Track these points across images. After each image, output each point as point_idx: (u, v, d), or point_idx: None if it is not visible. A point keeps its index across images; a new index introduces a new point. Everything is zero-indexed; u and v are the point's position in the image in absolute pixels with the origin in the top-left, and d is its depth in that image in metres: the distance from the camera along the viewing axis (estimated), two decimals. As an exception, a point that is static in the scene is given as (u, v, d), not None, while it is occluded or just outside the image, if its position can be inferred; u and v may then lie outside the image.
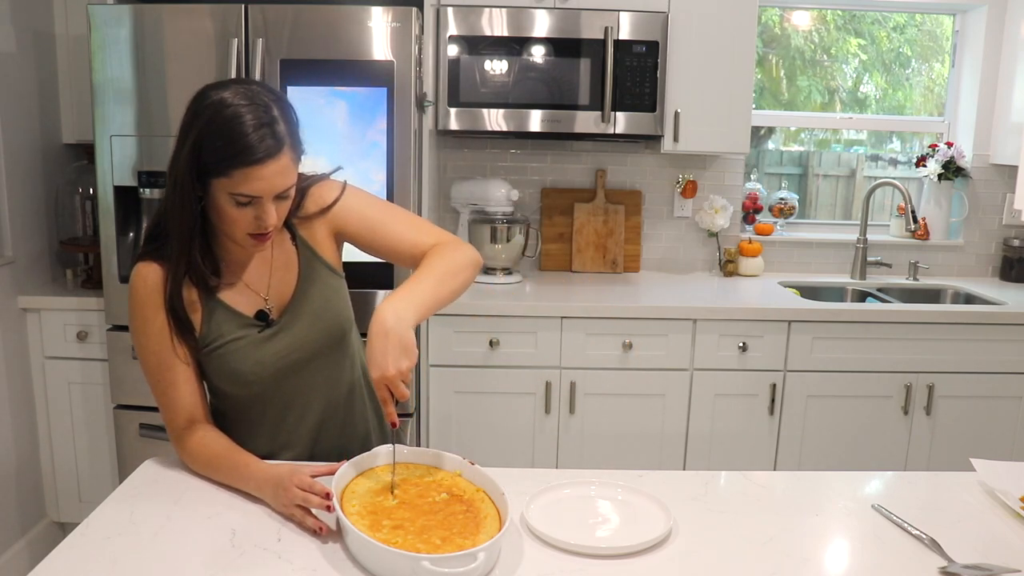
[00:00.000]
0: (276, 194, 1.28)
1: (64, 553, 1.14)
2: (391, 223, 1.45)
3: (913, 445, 2.78)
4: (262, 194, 1.26)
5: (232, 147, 1.22)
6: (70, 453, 2.76)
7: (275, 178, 1.26)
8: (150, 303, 1.35)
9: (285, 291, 1.43)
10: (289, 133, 1.27)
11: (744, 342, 2.68)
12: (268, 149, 1.23)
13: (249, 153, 1.22)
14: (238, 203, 1.26)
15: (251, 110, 1.24)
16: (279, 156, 1.25)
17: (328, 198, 1.44)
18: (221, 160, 1.23)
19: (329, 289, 1.46)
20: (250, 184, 1.24)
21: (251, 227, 1.30)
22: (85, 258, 2.84)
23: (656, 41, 2.77)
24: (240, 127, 1.22)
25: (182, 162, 1.26)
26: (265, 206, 1.28)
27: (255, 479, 1.29)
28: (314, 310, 1.43)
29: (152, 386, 1.39)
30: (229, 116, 1.23)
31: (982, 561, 1.16)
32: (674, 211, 3.31)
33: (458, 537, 1.13)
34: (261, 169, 1.24)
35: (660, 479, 1.42)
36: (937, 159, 3.29)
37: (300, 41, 2.38)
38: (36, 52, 2.73)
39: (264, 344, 1.40)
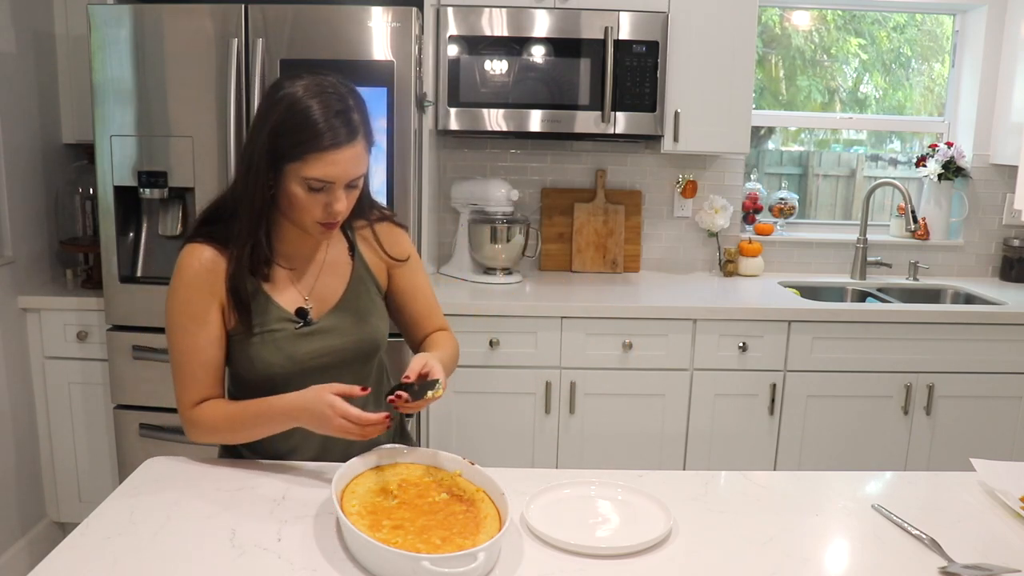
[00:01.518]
0: (348, 181, 1.32)
1: (64, 553, 1.14)
2: (422, 298, 1.57)
3: (913, 445, 2.78)
4: (335, 180, 1.30)
5: (308, 132, 1.27)
6: (70, 453, 2.76)
7: (348, 164, 1.30)
8: (196, 282, 1.38)
9: (329, 296, 1.46)
10: (363, 123, 1.32)
11: (744, 342, 2.68)
12: (343, 136, 1.28)
13: (324, 138, 1.27)
14: (311, 188, 1.30)
15: (327, 98, 1.29)
16: (353, 143, 1.30)
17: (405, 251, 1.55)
18: (297, 144, 1.28)
19: (373, 305, 1.50)
20: (324, 169, 1.28)
21: (321, 214, 1.33)
22: (85, 258, 2.84)
23: (656, 41, 2.77)
24: (316, 113, 1.27)
25: (258, 147, 1.31)
26: (336, 192, 1.32)
27: (287, 414, 1.32)
28: (354, 321, 1.46)
29: (174, 362, 1.41)
30: (306, 103, 1.28)
31: (982, 561, 1.16)
32: (674, 211, 3.31)
33: (458, 537, 1.13)
34: (336, 154, 1.28)
35: (660, 479, 1.42)
36: (937, 159, 3.29)
37: (300, 41, 2.37)
38: (36, 52, 2.73)
39: (298, 341, 1.42)
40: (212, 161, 2.43)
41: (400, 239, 1.55)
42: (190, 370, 1.40)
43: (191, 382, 1.40)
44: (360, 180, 1.35)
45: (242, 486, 1.35)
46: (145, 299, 2.50)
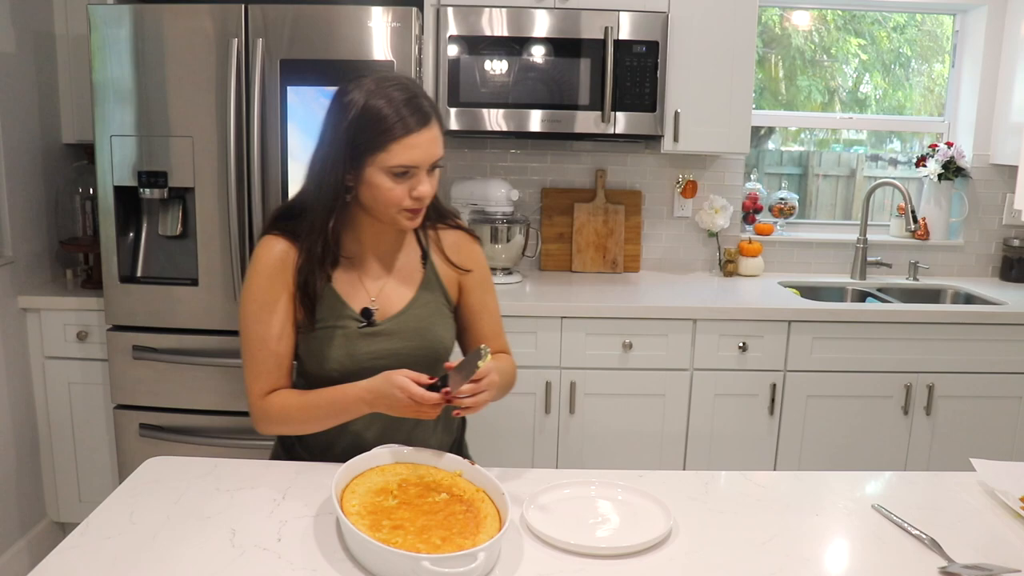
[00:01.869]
0: (430, 164, 1.37)
1: (64, 553, 1.14)
2: (489, 319, 1.58)
3: (913, 445, 2.78)
4: (419, 163, 1.35)
5: (387, 121, 1.32)
6: (70, 453, 2.76)
7: (429, 146, 1.35)
8: (269, 272, 1.42)
9: (397, 300, 1.48)
10: (432, 108, 1.38)
11: (744, 342, 2.68)
12: (420, 119, 1.34)
13: (402, 126, 1.32)
14: (395, 176, 1.35)
15: (398, 88, 1.35)
16: (431, 125, 1.36)
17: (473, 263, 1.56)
18: (378, 135, 1.33)
19: (439, 314, 1.51)
20: (408, 153, 1.33)
21: (407, 202, 1.37)
22: (85, 258, 2.84)
23: (656, 41, 2.77)
24: (392, 103, 1.33)
25: (333, 148, 1.36)
26: (420, 176, 1.36)
27: (361, 399, 1.36)
28: (418, 327, 1.48)
29: (245, 352, 1.44)
30: (378, 98, 1.34)
31: (982, 561, 1.16)
32: (674, 211, 3.31)
33: (458, 537, 1.13)
34: (416, 137, 1.33)
35: (660, 479, 1.42)
36: (937, 159, 3.29)
37: (300, 41, 2.38)
38: (36, 52, 2.73)
39: (360, 340, 1.44)
40: (212, 161, 2.43)
41: (472, 252, 1.56)
42: (261, 358, 1.43)
43: (262, 371, 1.43)
44: (439, 163, 1.39)
45: (242, 486, 1.35)
46: (145, 299, 2.51)
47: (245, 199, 2.42)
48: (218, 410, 2.54)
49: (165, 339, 2.51)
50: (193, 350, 2.50)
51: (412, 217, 1.41)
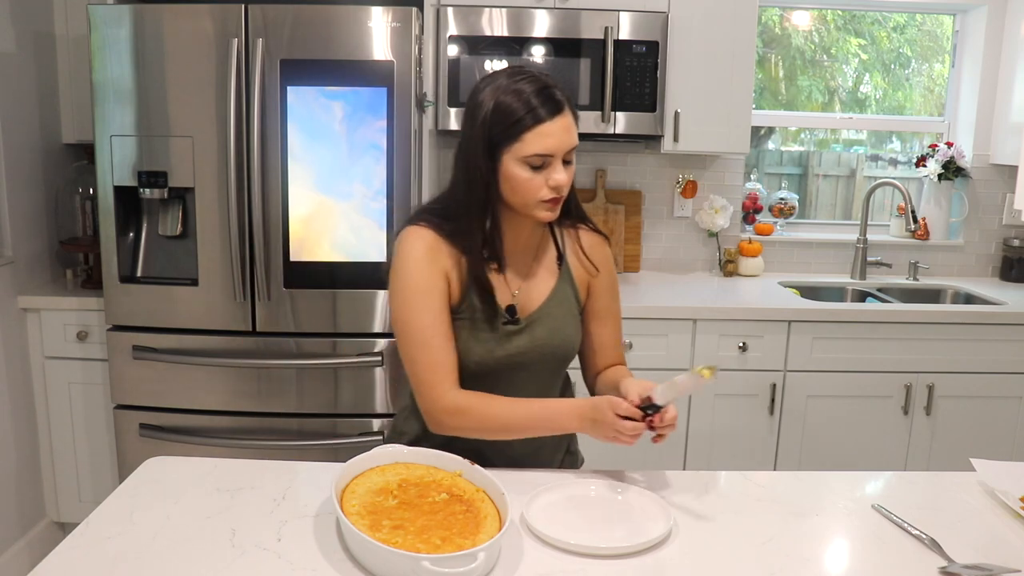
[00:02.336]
0: (564, 152, 1.36)
1: (64, 553, 1.14)
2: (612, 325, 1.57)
3: (913, 445, 2.78)
4: (553, 151, 1.35)
5: (518, 113, 1.33)
6: (70, 453, 2.76)
7: (563, 135, 1.35)
8: (425, 259, 1.40)
9: (535, 298, 1.49)
10: (566, 98, 1.37)
11: (744, 342, 2.68)
12: (552, 107, 1.34)
13: (537, 113, 1.33)
14: (532, 167, 1.35)
15: (530, 80, 1.35)
16: (563, 114, 1.35)
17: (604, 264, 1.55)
18: (511, 127, 1.33)
19: (570, 314, 1.52)
20: (541, 141, 1.33)
21: (545, 191, 1.37)
22: (85, 258, 2.84)
23: (656, 41, 2.77)
24: (524, 94, 1.34)
25: (473, 144, 1.37)
26: (556, 165, 1.36)
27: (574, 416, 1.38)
28: (553, 327, 1.48)
29: (415, 347, 1.39)
30: (510, 90, 1.34)
31: (982, 561, 1.16)
32: (674, 211, 3.31)
33: (458, 537, 1.12)
34: (550, 125, 1.33)
35: (660, 479, 1.42)
36: (937, 159, 3.29)
37: (300, 41, 2.37)
38: (36, 52, 2.73)
39: (502, 337, 1.45)
40: (212, 161, 2.43)
41: (605, 255, 1.56)
42: (437, 345, 1.38)
43: (441, 360, 1.38)
44: (573, 154, 1.38)
45: (242, 486, 1.35)
46: (145, 299, 2.51)
47: (245, 199, 2.42)
48: (218, 410, 2.54)
49: (165, 339, 2.51)
50: (193, 350, 2.50)
51: (551, 208, 1.40)
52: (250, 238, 2.44)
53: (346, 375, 2.51)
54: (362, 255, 2.45)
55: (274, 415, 2.54)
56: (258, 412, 2.54)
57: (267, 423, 2.54)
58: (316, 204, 2.43)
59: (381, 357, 2.49)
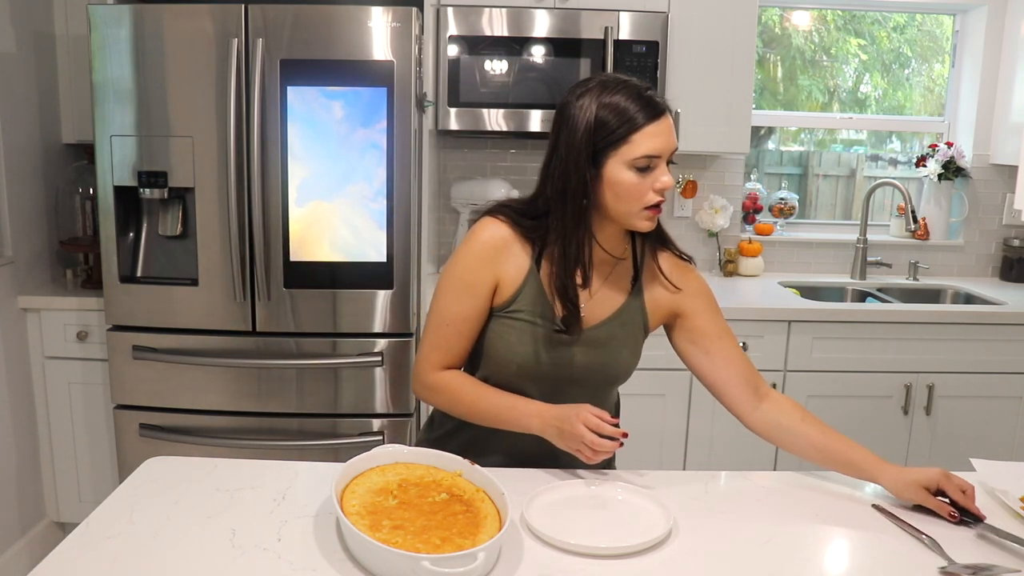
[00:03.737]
0: (670, 152, 1.36)
1: (64, 553, 1.14)
2: (729, 340, 1.49)
3: (913, 445, 2.78)
4: (661, 151, 1.34)
5: (625, 115, 1.33)
6: (70, 453, 2.76)
7: (669, 134, 1.35)
8: (485, 254, 1.41)
9: (599, 312, 1.46)
10: (662, 98, 1.37)
11: (744, 342, 2.68)
12: (657, 108, 1.34)
13: (644, 114, 1.33)
14: (638, 170, 1.34)
15: (630, 87, 1.36)
16: (666, 115, 1.36)
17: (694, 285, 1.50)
18: (619, 128, 1.33)
19: (631, 338, 1.48)
20: (651, 141, 1.33)
21: (650, 196, 1.35)
22: (85, 258, 2.84)
23: (656, 41, 2.77)
24: (629, 97, 1.34)
25: (574, 151, 1.34)
26: (661, 166, 1.35)
27: (538, 416, 1.37)
28: (607, 345, 1.45)
29: (432, 322, 1.45)
30: (613, 95, 1.34)
31: (982, 561, 1.16)
32: (674, 211, 3.31)
33: (458, 537, 1.12)
34: (658, 125, 1.33)
35: (660, 479, 1.42)
36: (937, 159, 3.29)
37: (300, 41, 2.37)
38: (36, 52, 2.73)
39: (549, 343, 1.43)
40: (212, 161, 2.43)
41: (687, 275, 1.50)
42: (446, 334, 1.43)
43: (441, 345, 1.44)
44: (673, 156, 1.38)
45: (242, 486, 1.35)
46: (145, 299, 2.51)
47: (245, 199, 2.42)
48: (218, 410, 2.54)
49: (165, 339, 2.51)
50: (193, 350, 2.50)
51: (652, 217, 1.38)
52: (250, 238, 2.44)
53: (346, 375, 2.51)
54: (362, 255, 2.45)
55: (274, 415, 2.54)
56: (258, 412, 2.54)
57: (267, 423, 2.54)
58: (316, 204, 2.43)
59: (381, 357, 2.49)
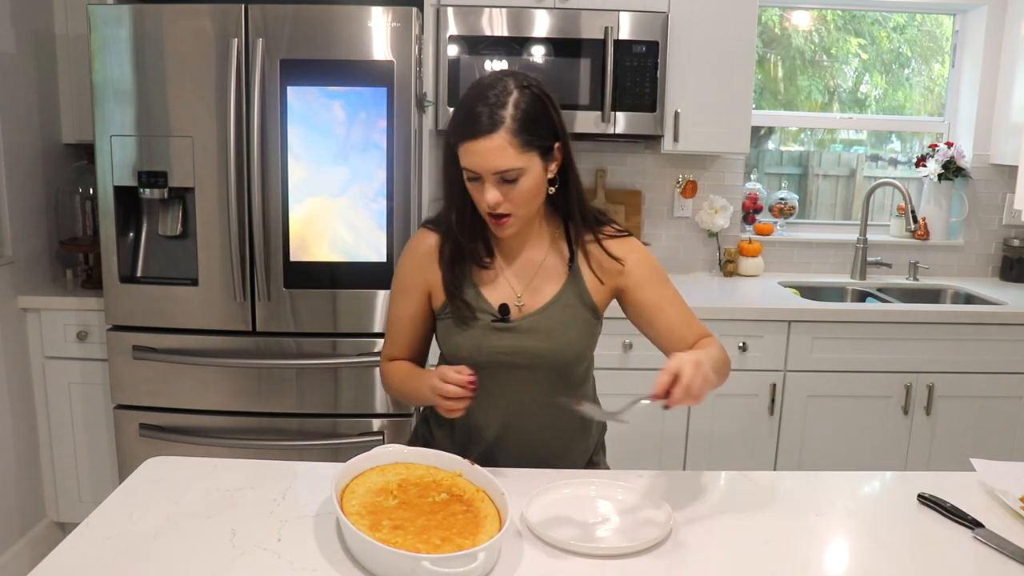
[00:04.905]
0: (493, 173, 1.34)
1: (64, 553, 1.14)
2: (675, 305, 1.52)
3: (913, 445, 2.78)
4: (475, 170, 1.35)
5: (455, 123, 1.36)
6: (70, 453, 2.76)
7: (486, 156, 1.33)
8: (411, 263, 1.52)
9: (539, 299, 1.49)
10: (516, 119, 1.33)
11: (744, 342, 2.68)
12: (481, 127, 1.32)
13: (465, 130, 1.34)
14: (469, 178, 1.37)
15: (484, 92, 1.35)
16: (491, 136, 1.32)
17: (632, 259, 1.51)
18: (452, 133, 1.37)
19: (577, 319, 1.49)
20: (467, 158, 1.35)
21: (483, 206, 1.38)
22: (85, 258, 2.84)
23: (656, 41, 2.77)
24: (464, 105, 1.36)
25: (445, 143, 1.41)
26: (485, 184, 1.35)
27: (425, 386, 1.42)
28: (552, 329, 1.47)
29: (388, 322, 1.60)
30: (466, 97, 1.37)
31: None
32: (674, 211, 3.31)
33: (458, 537, 1.13)
34: (473, 144, 1.33)
35: (660, 479, 1.42)
36: (937, 159, 3.29)
37: (300, 41, 2.37)
38: (36, 52, 2.73)
39: (490, 334, 1.46)
40: (212, 161, 2.43)
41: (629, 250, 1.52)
42: (393, 331, 1.57)
43: (390, 340, 1.58)
44: (514, 174, 1.34)
45: (242, 486, 1.35)
46: (145, 299, 2.51)
47: (245, 199, 2.42)
48: (218, 410, 2.54)
49: (165, 339, 2.51)
50: (193, 350, 2.50)
51: (495, 225, 1.40)
52: (250, 238, 2.44)
53: (346, 375, 2.51)
54: (362, 255, 2.45)
55: (274, 415, 2.54)
56: (258, 412, 2.54)
57: (267, 423, 2.54)
58: (316, 204, 2.43)
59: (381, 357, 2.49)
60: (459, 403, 1.36)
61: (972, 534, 1.24)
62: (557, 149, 1.41)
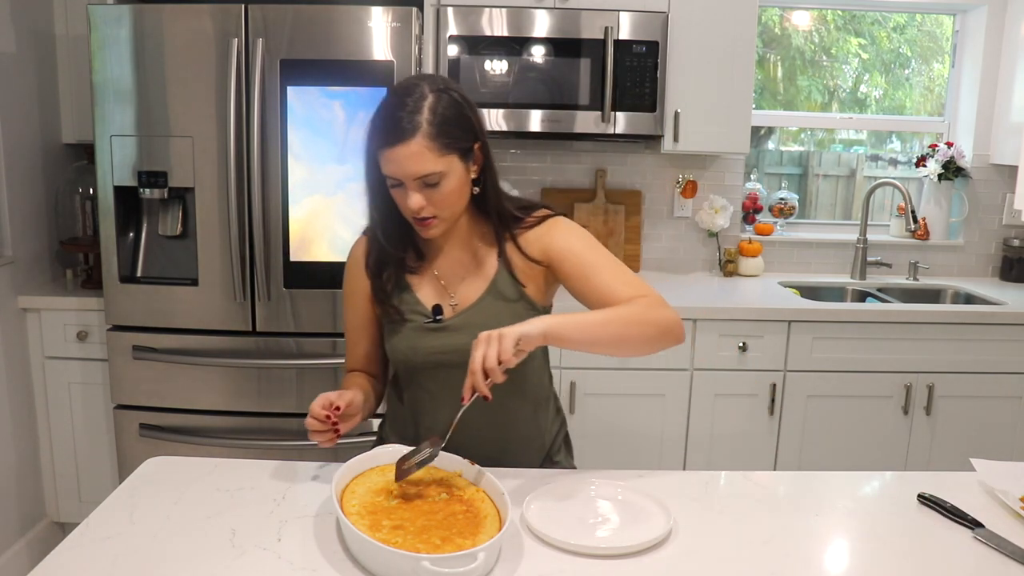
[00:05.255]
0: (415, 179, 1.33)
1: (64, 553, 1.14)
2: (602, 271, 1.44)
3: (913, 445, 2.78)
4: (396, 176, 1.34)
5: (373, 130, 1.35)
6: (70, 453, 2.76)
7: (405, 162, 1.32)
8: (351, 270, 1.54)
9: (471, 294, 1.48)
10: (432, 123, 1.32)
11: (744, 342, 2.68)
12: (399, 133, 1.31)
13: (380, 136, 1.33)
14: (391, 184, 1.37)
15: (400, 99, 1.33)
16: (408, 142, 1.31)
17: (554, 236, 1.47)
18: (371, 141, 1.36)
19: (510, 311, 1.45)
20: (387, 166, 1.34)
21: (407, 211, 1.38)
22: (85, 258, 2.84)
23: (656, 41, 2.77)
24: (382, 112, 1.35)
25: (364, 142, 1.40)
26: (407, 190, 1.35)
27: None
28: (485, 324, 1.38)
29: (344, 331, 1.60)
30: (383, 103, 1.36)
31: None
32: (674, 211, 3.31)
33: (458, 537, 1.13)
34: (392, 151, 1.32)
35: (660, 479, 1.42)
36: (937, 159, 3.29)
37: (300, 41, 2.37)
38: (36, 52, 2.73)
39: (424, 335, 1.46)
40: (212, 161, 2.43)
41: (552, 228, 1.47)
42: (349, 340, 1.59)
43: (347, 351, 1.59)
44: (436, 178, 1.33)
45: (242, 486, 1.35)
46: (145, 299, 2.51)
47: (245, 199, 2.42)
48: (218, 410, 2.54)
49: (165, 339, 2.51)
50: (193, 350, 2.50)
51: (420, 228, 1.40)
52: (250, 238, 2.44)
53: (346, 375, 2.51)
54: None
55: (274, 415, 2.54)
56: (258, 412, 2.54)
57: (267, 423, 2.54)
58: (316, 204, 2.43)
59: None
60: (323, 435, 1.34)
61: (972, 534, 1.24)
62: (477, 149, 1.40)
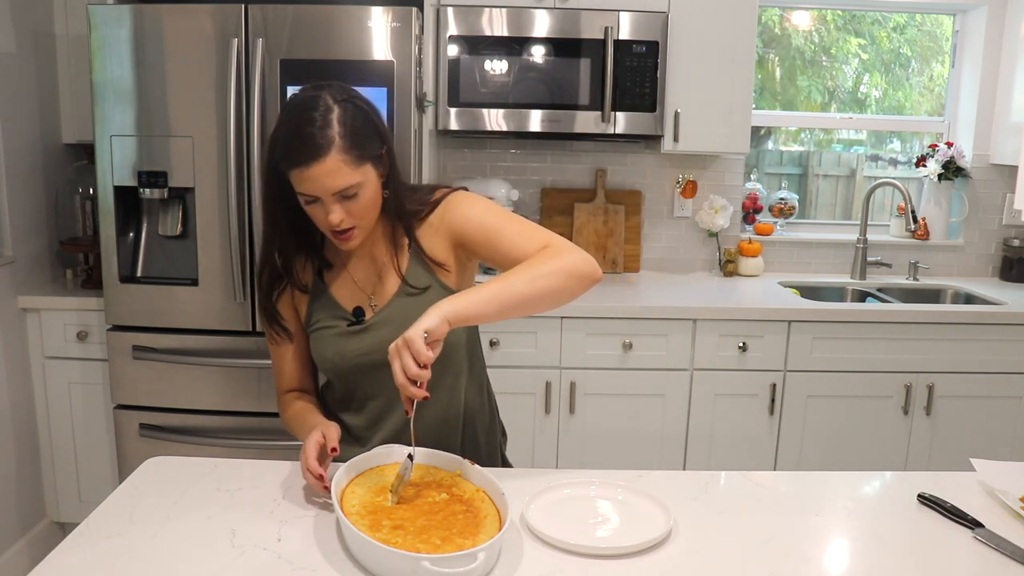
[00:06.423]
0: (334, 193, 1.30)
1: (64, 553, 1.14)
2: (505, 233, 1.39)
3: (913, 445, 2.78)
4: (316, 194, 1.31)
5: (283, 149, 1.31)
6: (70, 453, 2.76)
7: (323, 179, 1.29)
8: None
9: (388, 289, 1.47)
10: (344, 136, 1.29)
11: (744, 342, 2.68)
12: (311, 151, 1.28)
13: (293, 156, 1.29)
14: (306, 201, 1.33)
15: (306, 113, 1.29)
16: (323, 159, 1.28)
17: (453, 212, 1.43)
18: (281, 160, 1.31)
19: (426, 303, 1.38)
20: (302, 184, 1.30)
21: (325, 225, 1.35)
22: (85, 258, 2.84)
23: (656, 41, 2.77)
24: (288, 129, 1.30)
25: (265, 160, 1.38)
26: (326, 205, 1.32)
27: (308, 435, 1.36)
28: (406, 316, 1.34)
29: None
30: (286, 119, 1.31)
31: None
32: (674, 211, 3.31)
33: (458, 537, 1.13)
34: (307, 170, 1.28)
35: (660, 479, 1.42)
36: (937, 159, 3.29)
37: (300, 41, 2.37)
38: (36, 52, 2.73)
39: (348, 338, 1.45)
40: (212, 161, 2.43)
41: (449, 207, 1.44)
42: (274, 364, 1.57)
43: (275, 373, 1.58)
44: (354, 190, 1.31)
45: (242, 486, 1.35)
46: (145, 299, 2.51)
47: (245, 199, 2.42)
48: (218, 410, 2.54)
49: (165, 339, 2.51)
50: (193, 350, 2.50)
51: (341, 241, 1.37)
52: (250, 238, 2.44)
53: (346, 375, 2.51)
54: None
55: (274, 415, 2.51)
56: (258, 412, 2.54)
57: (267, 423, 2.54)
58: (316, 204, 2.43)
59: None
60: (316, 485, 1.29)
61: (972, 534, 1.24)
62: (384, 153, 1.38)
